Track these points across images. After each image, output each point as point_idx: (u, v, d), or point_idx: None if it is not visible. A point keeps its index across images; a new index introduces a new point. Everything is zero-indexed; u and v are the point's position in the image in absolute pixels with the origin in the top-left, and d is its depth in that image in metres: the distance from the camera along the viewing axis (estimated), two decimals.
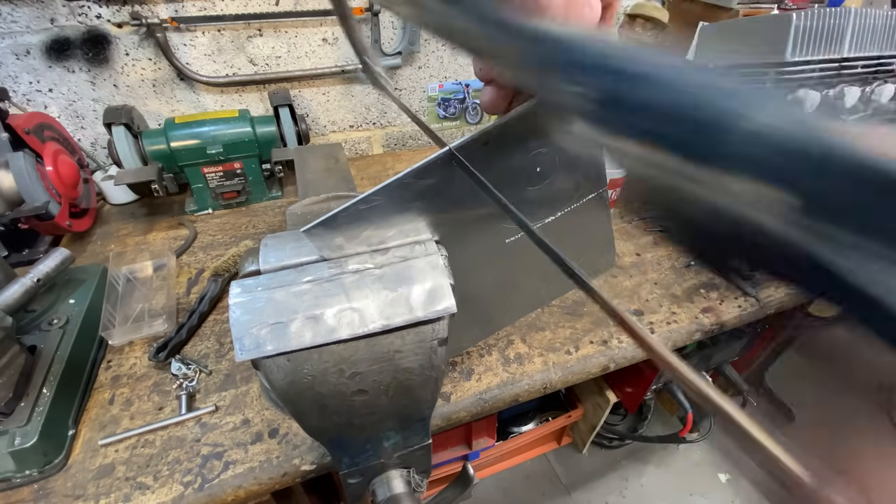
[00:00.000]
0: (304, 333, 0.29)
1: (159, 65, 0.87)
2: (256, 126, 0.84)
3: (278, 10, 0.88)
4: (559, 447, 1.38)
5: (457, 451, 1.09)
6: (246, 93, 0.96)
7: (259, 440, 0.49)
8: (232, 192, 0.87)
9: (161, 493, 0.44)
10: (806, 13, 0.64)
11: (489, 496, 1.31)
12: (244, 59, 0.92)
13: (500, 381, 0.55)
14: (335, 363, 0.31)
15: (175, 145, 0.80)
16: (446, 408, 0.53)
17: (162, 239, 0.81)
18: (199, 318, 0.62)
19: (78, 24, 0.79)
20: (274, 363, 0.29)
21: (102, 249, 0.78)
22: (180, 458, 0.47)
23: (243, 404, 0.53)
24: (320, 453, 0.48)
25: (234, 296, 0.29)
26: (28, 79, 0.81)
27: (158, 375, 0.56)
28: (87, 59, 0.82)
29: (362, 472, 0.40)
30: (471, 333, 0.52)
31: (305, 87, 0.99)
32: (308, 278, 0.31)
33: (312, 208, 0.47)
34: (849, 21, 0.66)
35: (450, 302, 0.31)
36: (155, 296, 0.66)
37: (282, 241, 0.34)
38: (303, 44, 0.93)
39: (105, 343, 0.59)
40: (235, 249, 0.70)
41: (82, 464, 0.47)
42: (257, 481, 0.46)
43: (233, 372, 0.56)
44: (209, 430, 0.50)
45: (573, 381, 0.58)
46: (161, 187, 0.78)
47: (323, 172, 0.63)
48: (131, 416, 0.51)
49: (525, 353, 0.59)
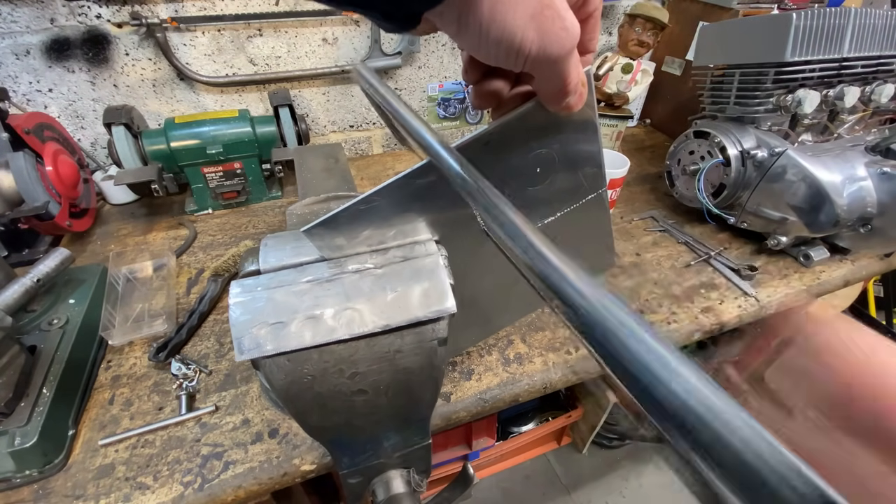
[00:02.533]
0: (304, 333, 0.29)
1: (159, 65, 0.87)
2: (256, 126, 0.84)
3: (278, 10, 0.88)
4: (559, 447, 1.38)
5: (457, 451, 1.09)
6: (246, 93, 0.96)
7: (259, 440, 0.49)
8: (232, 192, 0.87)
9: (161, 493, 0.44)
10: (806, 13, 0.64)
11: (489, 496, 1.31)
12: (244, 59, 0.92)
13: (500, 381, 0.55)
14: (335, 363, 0.31)
15: (175, 145, 0.80)
16: (446, 408, 0.53)
17: (162, 239, 0.81)
18: (199, 318, 0.62)
19: (78, 24, 0.79)
20: (274, 363, 0.29)
21: (102, 249, 0.78)
22: (180, 458, 0.47)
23: (243, 404, 0.53)
24: (320, 453, 0.48)
25: (234, 296, 0.29)
26: (28, 79, 0.81)
27: (158, 375, 0.56)
28: (87, 59, 0.82)
29: (362, 472, 0.40)
30: (471, 333, 0.52)
31: (305, 87, 0.99)
32: (308, 278, 0.31)
33: (312, 208, 0.47)
34: (849, 21, 0.66)
35: (450, 302, 0.31)
36: (155, 296, 0.66)
37: (282, 241, 0.34)
38: (303, 44, 0.93)
39: (105, 343, 0.59)
40: (235, 249, 0.70)
41: (82, 464, 0.47)
42: (257, 481, 0.46)
43: (233, 372, 0.56)
44: (209, 430, 0.50)
45: (573, 381, 0.58)
46: (161, 187, 0.78)
47: (323, 172, 0.63)
48: (131, 416, 0.51)
49: (525, 353, 0.59)
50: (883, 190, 0.65)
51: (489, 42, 0.20)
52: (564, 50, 0.20)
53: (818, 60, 0.68)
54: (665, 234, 0.82)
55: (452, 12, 0.19)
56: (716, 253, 0.75)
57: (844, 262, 0.75)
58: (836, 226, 0.66)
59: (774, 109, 0.72)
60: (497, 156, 0.30)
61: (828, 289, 0.73)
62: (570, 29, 0.20)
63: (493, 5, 0.18)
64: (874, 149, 0.69)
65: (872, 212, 0.66)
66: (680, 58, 1.12)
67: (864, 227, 0.68)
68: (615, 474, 1.36)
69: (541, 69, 0.21)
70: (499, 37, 0.19)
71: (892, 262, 0.77)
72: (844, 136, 0.76)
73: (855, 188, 0.65)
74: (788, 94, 0.69)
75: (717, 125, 0.75)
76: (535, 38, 0.19)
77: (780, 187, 0.69)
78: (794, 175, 0.67)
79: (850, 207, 0.65)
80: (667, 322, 0.64)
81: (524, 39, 0.19)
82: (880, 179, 0.65)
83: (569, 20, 0.20)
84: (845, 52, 0.68)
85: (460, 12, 0.19)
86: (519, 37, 0.19)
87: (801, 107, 0.68)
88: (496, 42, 0.20)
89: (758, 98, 0.72)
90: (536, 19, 0.19)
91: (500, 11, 0.19)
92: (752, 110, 0.73)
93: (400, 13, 0.19)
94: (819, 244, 0.75)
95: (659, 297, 0.68)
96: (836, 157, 0.67)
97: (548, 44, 0.20)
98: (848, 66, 0.70)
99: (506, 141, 0.29)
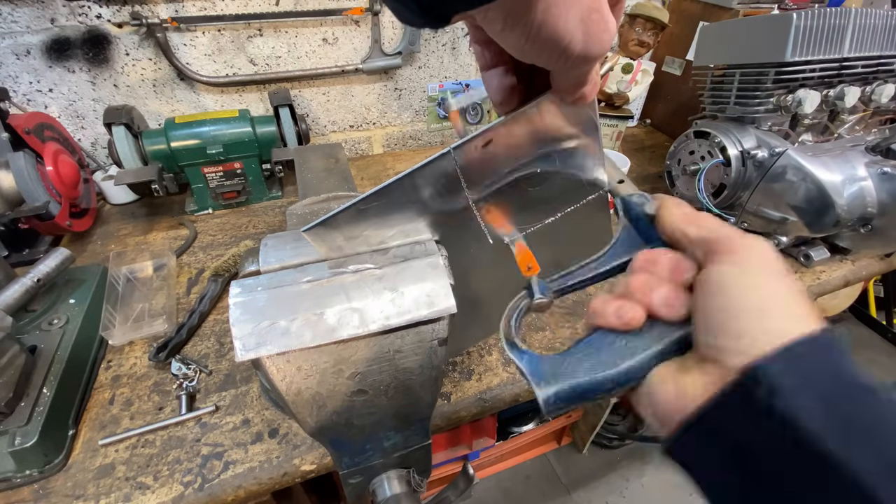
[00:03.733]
0: (304, 333, 0.29)
1: (159, 65, 0.87)
2: (256, 126, 0.84)
3: (278, 10, 0.88)
4: (559, 447, 1.38)
5: (457, 451, 1.09)
6: (246, 93, 0.96)
7: (259, 440, 0.49)
8: (232, 192, 0.87)
9: (161, 493, 0.44)
10: (806, 13, 0.64)
11: (489, 496, 1.31)
12: (244, 59, 0.92)
13: (500, 381, 0.55)
14: (335, 363, 0.31)
15: (175, 145, 0.80)
16: (446, 408, 0.53)
17: (162, 239, 0.81)
18: (200, 318, 0.62)
19: (78, 24, 0.79)
20: (274, 363, 0.29)
21: (102, 249, 0.78)
22: (180, 458, 0.47)
23: (243, 404, 0.53)
24: (320, 453, 0.48)
25: (235, 296, 0.29)
26: (28, 79, 0.81)
27: (158, 375, 0.56)
28: (87, 59, 0.82)
29: (362, 472, 0.40)
30: (471, 333, 0.52)
31: (305, 87, 0.99)
32: (308, 278, 0.31)
33: (312, 208, 0.47)
34: (849, 21, 0.66)
35: (450, 302, 0.31)
36: (155, 296, 0.66)
37: (282, 241, 0.34)
38: (303, 44, 0.93)
39: (105, 343, 0.59)
40: (235, 249, 0.70)
41: (82, 464, 0.47)
42: (257, 481, 0.46)
43: (233, 372, 0.56)
44: (209, 430, 0.50)
45: None
46: (161, 187, 0.78)
47: (323, 172, 0.63)
48: (131, 416, 0.51)
49: None
50: (883, 190, 0.65)
51: (537, 43, 0.20)
52: (604, 51, 0.21)
53: (818, 60, 0.68)
54: None
55: (499, 11, 0.19)
56: None
57: (845, 262, 0.75)
58: (837, 226, 0.66)
59: (775, 109, 0.72)
60: (498, 156, 0.30)
61: (828, 289, 0.73)
62: (612, 32, 0.20)
63: (546, 8, 0.18)
64: (874, 149, 0.69)
65: (873, 212, 0.66)
66: (680, 58, 1.12)
67: (865, 227, 0.68)
68: (615, 474, 1.36)
69: (574, 66, 0.21)
70: (548, 39, 0.19)
71: (892, 262, 0.77)
72: (845, 136, 0.76)
73: (855, 188, 0.65)
74: (789, 94, 0.69)
75: (718, 125, 0.75)
76: (581, 40, 0.19)
77: (781, 187, 0.69)
78: (795, 175, 0.67)
79: (851, 207, 0.65)
80: None
81: (571, 41, 0.19)
82: (880, 179, 0.65)
83: (611, 22, 0.20)
84: (846, 52, 0.68)
85: (509, 12, 0.18)
86: (567, 40, 0.19)
87: (802, 107, 0.68)
88: (544, 43, 0.19)
89: (758, 98, 0.72)
90: (585, 22, 0.19)
91: (552, 14, 0.18)
92: (753, 110, 0.73)
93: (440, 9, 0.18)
94: (819, 244, 0.75)
95: None
96: (836, 157, 0.67)
97: (591, 45, 0.20)
98: (848, 66, 0.70)
99: (507, 141, 0.29)
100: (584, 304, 0.66)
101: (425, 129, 1.17)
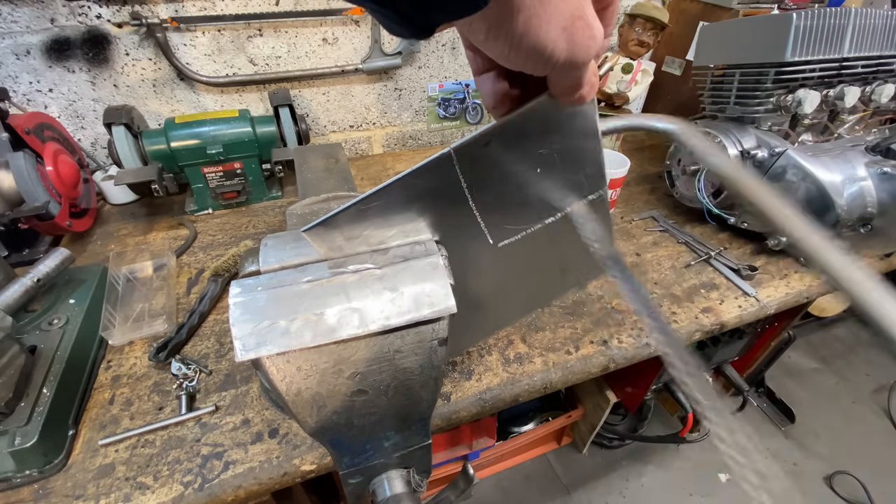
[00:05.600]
0: (304, 333, 0.29)
1: (159, 65, 0.87)
2: (256, 126, 0.84)
3: (278, 10, 0.88)
4: (559, 447, 1.38)
5: (457, 451, 1.09)
6: (246, 93, 0.96)
7: (259, 440, 0.49)
8: (232, 192, 0.87)
9: (161, 493, 0.44)
10: (806, 13, 0.64)
11: (489, 496, 1.31)
12: (244, 59, 0.92)
13: (500, 381, 0.55)
14: (335, 363, 0.31)
15: (175, 145, 0.80)
16: (446, 408, 0.53)
17: (162, 239, 0.81)
18: (199, 318, 0.62)
19: (78, 24, 0.79)
20: (274, 363, 0.29)
21: (102, 249, 0.78)
22: (180, 458, 0.47)
23: (243, 404, 0.53)
24: (320, 453, 0.48)
25: (234, 296, 0.29)
26: (28, 79, 0.81)
27: (158, 375, 0.56)
28: (87, 59, 0.82)
29: (362, 472, 0.40)
30: (471, 333, 0.52)
31: (305, 87, 0.99)
32: (308, 278, 0.31)
33: (312, 208, 0.47)
34: (849, 21, 0.66)
35: (450, 302, 0.31)
36: (155, 296, 0.66)
37: (282, 241, 0.34)
38: (303, 44, 0.93)
39: (105, 343, 0.59)
40: (235, 249, 0.70)
41: (82, 464, 0.47)
42: (257, 481, 0.46)
43: (233, 372, 0.56)
44: (209, 430, 0.50)
45: (573, 381, 0.58)
46: (161, 187, 0.78)
47: (323, 172, 0.63)
48: (131, 416, 0.51)
49: (525, 353, 0.59)
50: (883, 190, 0.65)
51: (519, 52, 0.20)
52: (590, 57, 0.21)
53: (818, 60, 0.68)
54: (665, 234, 0.82)
55: (482, 23, 0.19)
56: (716, 253, 0.75)
57: None
58: (837, 226, 0.66)
59: (774, 109, 0.72)
60: (498, 156, 0.30)
61: (828, 289, 0.73)
62: (597, 38, 0.20)
63: (527, 19, 0.18)
64: (874, 149, 0.69)
65: (873, 212, 0.66)
66: (680, 58, 1.12)
67: (865, 227, 0.68)
68: (615, 474, 1.36)
69: (563, 72, 0.22)
70: (530, 48, 0.19)
71: (892, 262, 0.77)
72: (844, 136, 0.76)
73: (855, 188, 0.65)
74: (788, 94, 0.69)
75: (718, 125, 0.75)
76: (564, 48, 0.20)
77: (781, 187, 0.69)
78: (795, 175, 0.67)
79: (851, 207, 0.65)
80: (667, 322, 0.64)
81: (555, 50, 0.19)
82: (880, 179, 0.65)
83: (597, 28, 0.20)
84: (845, 52, 0.68)
85: (492, 23, 0.19)
86: (550, 48, 0.19)
87: (802, 107, 0.68)
88: (527, 53, 0.20)
89: (758, 98, 0.72)
90: (568, 31, 0.19)
91: (534, 25, 0.19)
92: (753, 110, 0.73)
93: (421, 20, 0.18)
94: None
95: (659, 297, 0.68)
96: (836, 157, 0.67)
97: (576, 52, 0.20)
98: (848, 66, 0.70)
99: (507, 141, 0.29)
100: (584, 304, 0.66)
101: (425, 129, 1.17)
